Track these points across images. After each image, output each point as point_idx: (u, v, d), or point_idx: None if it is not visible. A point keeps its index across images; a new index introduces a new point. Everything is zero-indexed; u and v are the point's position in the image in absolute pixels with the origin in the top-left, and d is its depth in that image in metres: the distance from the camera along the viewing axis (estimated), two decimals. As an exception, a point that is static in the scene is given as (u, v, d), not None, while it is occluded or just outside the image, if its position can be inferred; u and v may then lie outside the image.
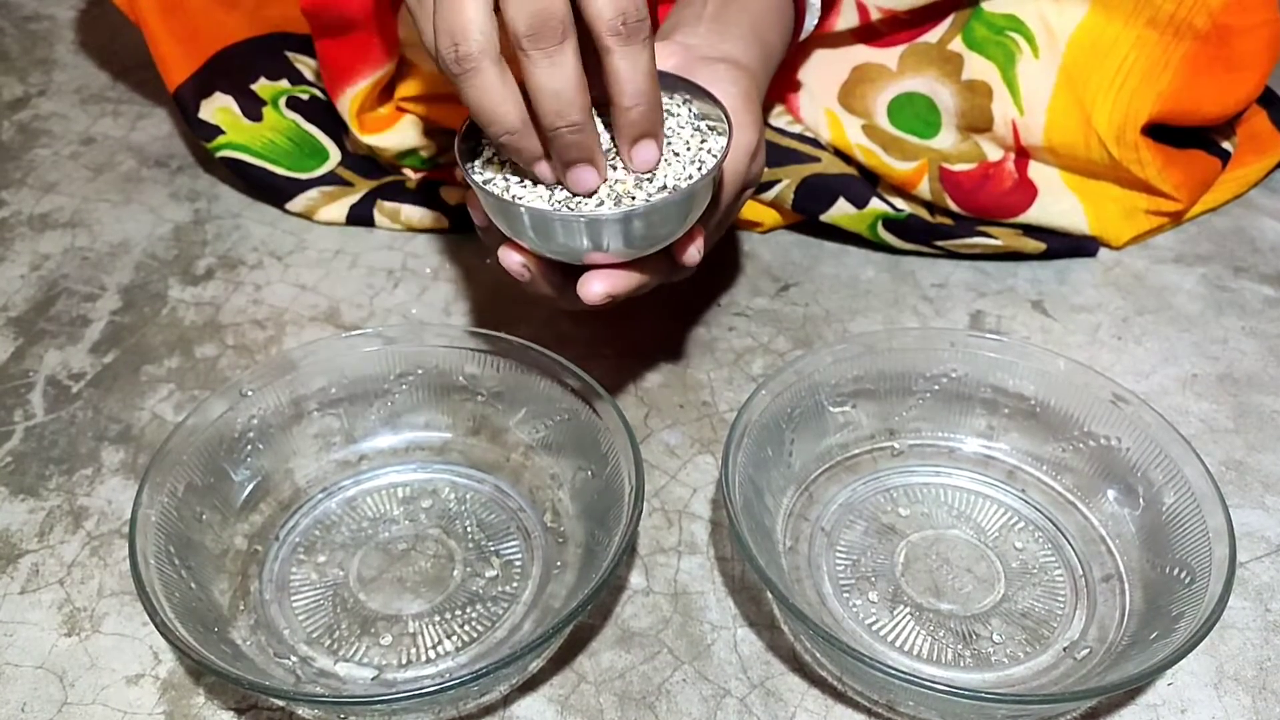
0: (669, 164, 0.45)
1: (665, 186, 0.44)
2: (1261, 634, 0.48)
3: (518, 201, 0.44)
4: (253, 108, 0.71)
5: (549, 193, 0.44)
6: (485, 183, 0.45)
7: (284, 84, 0.73)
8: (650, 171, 0.44)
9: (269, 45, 0.73)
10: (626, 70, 0.41)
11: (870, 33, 0.67)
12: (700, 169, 0.44)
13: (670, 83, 0.48)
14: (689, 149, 0.45)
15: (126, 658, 0.47)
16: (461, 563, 0.50)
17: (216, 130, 0.70)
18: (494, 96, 0.41)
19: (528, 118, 0.42)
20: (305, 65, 0.75)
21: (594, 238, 0.43)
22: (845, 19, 0.66)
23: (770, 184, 0.66)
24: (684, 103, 0.48)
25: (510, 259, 0.46)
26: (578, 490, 0.51)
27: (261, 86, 0.73)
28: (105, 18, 0.92)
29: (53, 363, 0.61)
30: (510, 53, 0.41)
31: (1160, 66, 0.63)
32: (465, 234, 0.70)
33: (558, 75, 0.41)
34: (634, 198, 0.43)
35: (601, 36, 0.41)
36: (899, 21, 0.66)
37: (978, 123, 0.66)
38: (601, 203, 0.44)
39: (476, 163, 0.46)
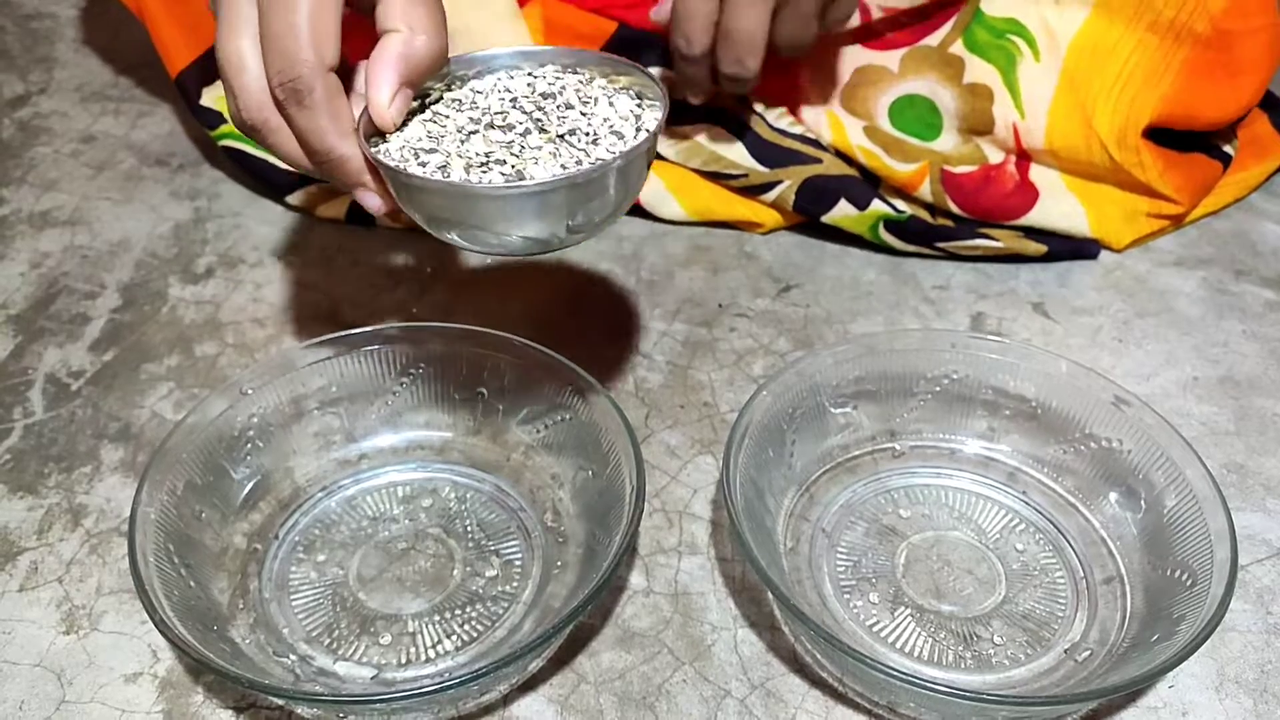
0: (596, 143, 0.42)
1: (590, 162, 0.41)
2: (1263, 637, 0.48)
3: (423, 177, 0.40)
4: None
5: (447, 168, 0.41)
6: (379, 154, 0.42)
7: None
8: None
9: None
10: (301, 133, 0.41)
11: (871, 34, 0.67)
12: (623, 142, 0.42)
13: (593, 61, 0.46)
14: (615, 126, 0.43)
15: (125, 656, 0.47)
16: (461, 562, 0.50)
17: (219, 117, 0.70)
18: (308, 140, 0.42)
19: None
20: None
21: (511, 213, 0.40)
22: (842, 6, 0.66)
23: (771, 185, 0.66)
24: (618, 90, 0.45)
25: (370, 202, 0.44)
26: (578, 490, 0.51)
27: None
28: (106, 16, 0.92)
29: (52, 360, 0.61)
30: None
31: (1161, 70, 0.63)
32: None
33: (310, 123, 0.41)
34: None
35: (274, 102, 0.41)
36: (900, 22, 0.66)
37: (979, 125, 0.66)
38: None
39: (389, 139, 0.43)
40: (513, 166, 0.41)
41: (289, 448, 0.52)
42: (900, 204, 0.67)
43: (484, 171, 0.41)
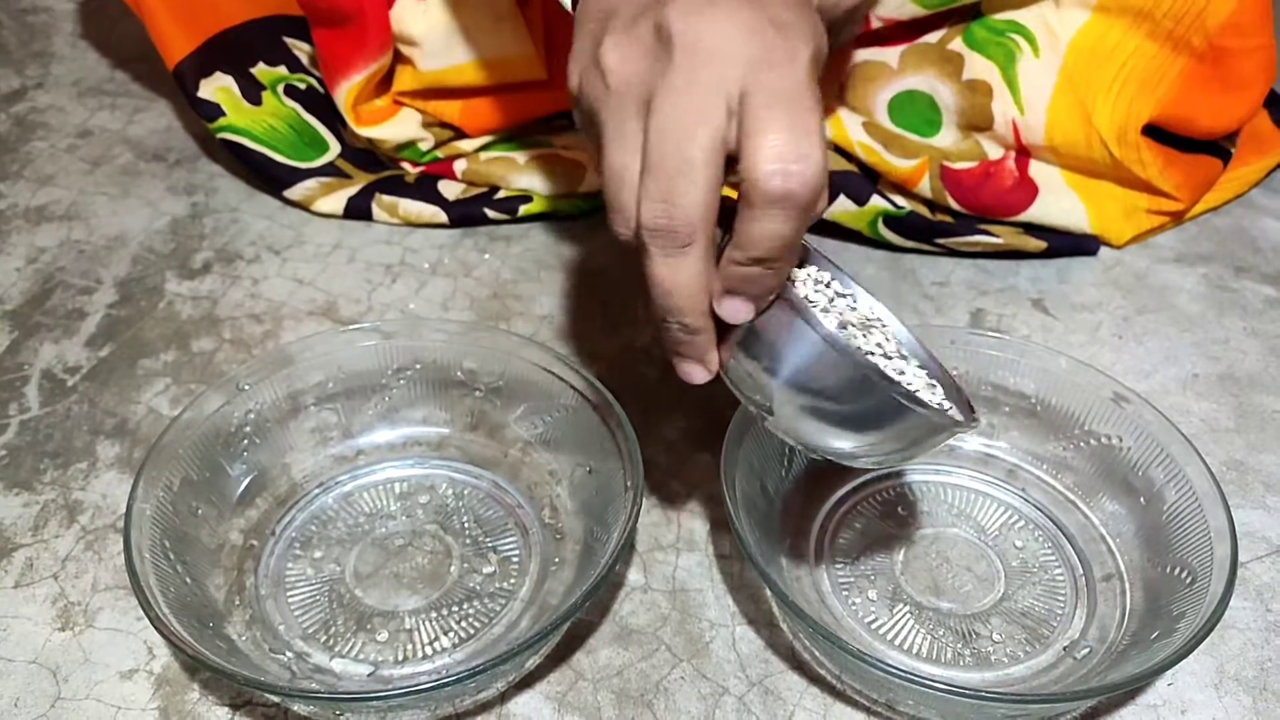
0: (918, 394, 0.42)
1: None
2: (1262, 634, 0.48)
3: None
4: (252, 91, 0.71)
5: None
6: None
7: (282, 70, 0.73)
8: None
9: (267, 29, 0.73)
10: (654, 276, 0.38)
11: (871, 37, 0.67)
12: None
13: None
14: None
15: (120, 653, 0.46)
16: (459, 559, 0.50)
17: (217, 109, 0.70)
18: (693, 283, 0.38)
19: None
20: (302, 52, 0.75)
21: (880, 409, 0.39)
22: (848, 30, 0.65)
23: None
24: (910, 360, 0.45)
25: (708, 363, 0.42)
26: (576, 486, 0.51)
27: (260, 71, 0.72)
28: (103, 10, 0.92)
29: (48, 356, 0.60)
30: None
31: (1158, 77, 0.63)
32: (463, 229, 0.70)
33: (673, 274, 0.38)
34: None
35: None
36: (901, 26, 0.66)
37: (978, 121, 0.66)
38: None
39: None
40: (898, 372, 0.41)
41: (286, 444, 0.52)
42: (900, 200, 0.67)
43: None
